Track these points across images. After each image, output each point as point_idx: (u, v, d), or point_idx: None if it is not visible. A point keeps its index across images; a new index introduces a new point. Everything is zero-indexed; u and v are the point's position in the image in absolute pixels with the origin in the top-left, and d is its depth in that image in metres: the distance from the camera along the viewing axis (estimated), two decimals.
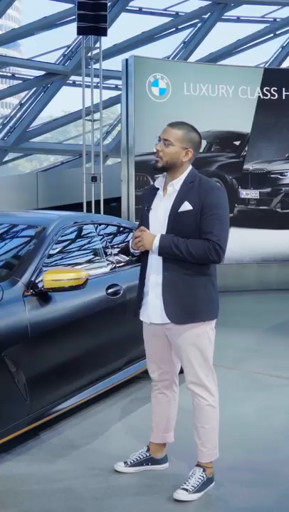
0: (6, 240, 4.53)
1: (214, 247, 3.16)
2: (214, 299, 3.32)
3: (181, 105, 10.79)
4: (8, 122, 17.30)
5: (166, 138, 3.25)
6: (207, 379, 3.32)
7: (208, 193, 3.21)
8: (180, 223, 3.21)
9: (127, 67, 10.84)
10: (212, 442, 3.37)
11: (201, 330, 3.28)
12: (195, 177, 3.29)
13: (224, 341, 6.94)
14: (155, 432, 3.59)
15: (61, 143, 21.83)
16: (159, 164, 3.28)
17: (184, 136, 3.25)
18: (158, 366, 3.48)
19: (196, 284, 3.23)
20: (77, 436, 4.09)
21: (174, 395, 3.54)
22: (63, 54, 16.15)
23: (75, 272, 3.94)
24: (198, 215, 3.19)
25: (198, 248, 3.16)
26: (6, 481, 3.47)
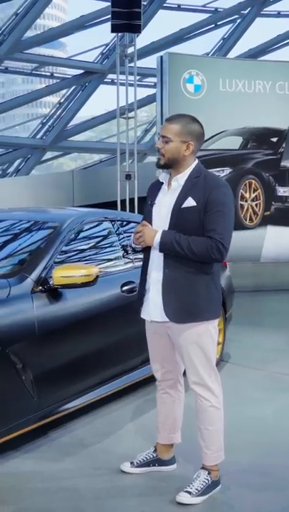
0: (21, 236, 4.53)
1: (217, 246, 3.07)
2: (216, 297, 3.24)
3: (216, 102, 10.65)
4: (48, 121, 17.45)
5: (164, 134, 3.18)
6: (210, 379, 3.23)
7: (213, 190, 3.12)
8: (183, 219, 3.13)
9: (161, 64, 10.77)
10: (217, 444, 3.27)
11: (203, 329, 3.19)
12: (200, 172, 3.20)
13: (252, 341, 6.84)
14: (162, 432, 3.52)
15: (101, 141, 21.91)
16: (162, 162, 3.21)
17: (181, 129, 3.16)
18: (161, 365, 3.41)
19: (197, 282, 3.15)
20: (88, 435, 4.05)
21: (179, 395, 3.46)
22: (101, 52, 16.19)
23: (85, 268, 3.90)
24: (201, 212, 3.10)
25: (200, 246, 3.07)
26: (11, 478, 3.46)
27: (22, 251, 4.28)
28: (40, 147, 17.37)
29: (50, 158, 22.22)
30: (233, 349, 6.29)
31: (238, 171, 10.49)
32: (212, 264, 3.18)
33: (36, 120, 18.88)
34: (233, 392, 5.07)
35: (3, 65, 15.89)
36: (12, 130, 43.47)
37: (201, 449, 3.30)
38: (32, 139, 17.63)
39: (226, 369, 5.69)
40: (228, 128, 10.66)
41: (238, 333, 6.93)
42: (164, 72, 10.67)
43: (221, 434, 3.30)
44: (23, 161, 17.75)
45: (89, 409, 4.37)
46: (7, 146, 17.55)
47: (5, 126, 65.35)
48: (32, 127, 18.50)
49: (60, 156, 23.59)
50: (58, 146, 17.73)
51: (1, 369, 3.45)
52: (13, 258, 4.22)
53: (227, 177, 10.43)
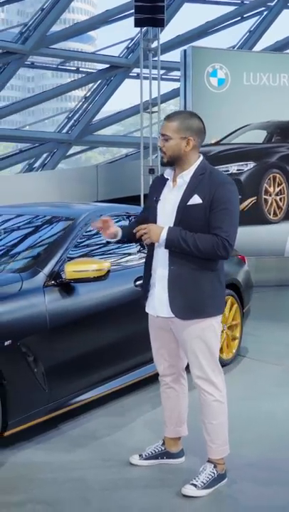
0: (35, 231, 4.60)
1: (223, 243, 3.09)
2: (220, 294, 3.27)
3: (240, 95, 10.59)
4: (73, 116, 17.54)
5: (163, 133, 3.21)
6: (213, 374, 3.26)
7: (219, 187, 3.14)
8: (188, 216, 3.15)
9: (185, 58, 10.74)
10: (221, 438, 3.30)
11: (207, 324, 3.22)
12: (205, 169, 3.21)
13: (272, 336, 6.82)
14: (168, 426, 3.56)
15: (126, 135, 21.94)
16: (164, 160, 3.24)
17: (179, 126, 3.18)
18: (164, 359, 3.45)
19: (202, 279, 3.18)
20: (99, 427, 4.11)
21: (182, 388, 3.50)
22: (127, 47, 16.21)
23: (96, 263, 3.96)
24: (207, 209, 3.12)
25: (206, 243, 3.10)
26: (22, 467, 3.54)
27: (36, 246, 4.35)
28: (66, 141, 17.47)
29: (77, 152, 22.33)
30: (252, 344, 6.28)
31: (262, 165, 10.43)
32: (217, 260, 3.21)
33: (64, 114, 18.97)
34: (248, 387, 5.09)
35: (30, 60, 16.02)
36: (41, 124, 43.75)
37: (206, 443, 3.33)
38: (58, 133, 17.75)
39: (243, 364, 5.70)
40: (252, 122, 10.59)
41: (258, 328, 6.92)
42: (188, 66, 10.64)
43: (226, 428, 3.33)
44: (49, 155, 17.89)
45: (102, 403, 4.43)
46: (33, 141, 17.70)
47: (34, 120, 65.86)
48: (60, 121, 18.62)
49: (87, 150, 23.70)
50: (83, 141, 17.83)
51: (13, 361, 3.52)
52: (26, 252, 4.29)
53: (251, 171, 10.39)
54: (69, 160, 30.11)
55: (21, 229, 4.68)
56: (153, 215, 3.29)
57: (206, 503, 3.15)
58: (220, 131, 10.30)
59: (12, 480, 3.38)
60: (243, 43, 17.11)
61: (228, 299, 5.57)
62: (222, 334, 5.49)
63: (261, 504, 3.17)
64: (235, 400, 4.56)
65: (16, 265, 4.08)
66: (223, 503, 3.18)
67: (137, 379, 4.61)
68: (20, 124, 55.91)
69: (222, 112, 10.43)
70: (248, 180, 10.36)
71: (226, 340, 5.57)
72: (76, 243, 4.25)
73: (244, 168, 10.37)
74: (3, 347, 3.45)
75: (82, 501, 3.16)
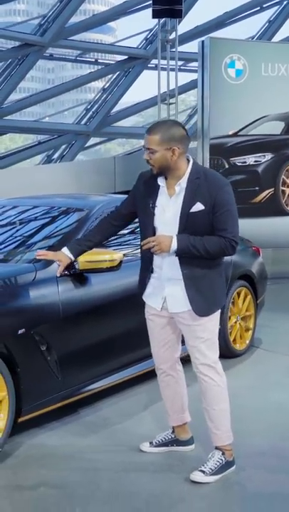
0: (50, 222, 4.67)
1: (230, 244, 3.23)
2: (224, 286, 3.46)
3: (258, 87, 10.53)
4: (92, 107, 17.59)
5: (148, 147, 3.24)
6: (214, 359, 3.35)
7: (219, 191, 3.23)
8: (193, 223, 3.24)
9: (202, 49, 10.70)
10: (225, 424, 3.38)
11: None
12: (199, 173, 3.28)
13: (286, 327, 6.82)
14: (172, 414, 3.63)
15: (145, 127, 21.95)
16: (154, 171, 3.28)
17: (161, 138, 3.20)
18: (160, 347, 3.52)
19: (213, 276, 3.33)
20: (112, 415, 4.19)
21: (180, 375, 3.59)
22: (145, 38, 16.19)
23: (109, 253, 4.03)
24: (210, 214, 3.23)
25: (214, 246, 3.23)
26: (36, 452, 3.63)
27: (50, 236, 4.42)
28: (85, 133, 17.53)
29: (96, 143, 22.39)
30: (266, 335, 6.30)
31: (280, 156, 10.39)
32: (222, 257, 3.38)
33: (83, 106, 19.03)
34: (259, 377, 5.14)
35: (48, 52, 16.08)
36: (60, 115, 43.85)
37: (210, 430, 3.40)
38: (76, 125, 17.82)
39: (256, 354, 5.73)
40: (269, 113, 10.55)
41: (274, 320, 6.94)
42: (206, 57, 10.60)
43: (228, 414, 3.40)
44: (67, 146, 17.96)
45: (115, 391, 4.50)
46: (52, 132, 17.79)
47: (54, 111, 65.97)
48: (79, 113, 18.69)
49: (105, 142, 23.75)
50: (101, 132, 17.88)
51: (27, 349, 3.61)
52: (41, 243, 4.37)
53: (268, 163, 10.36)
54: (88, 151, 30.19)
55: (36, 220, 4.76)
56: (148, 222, 3.33)
57: (214, 490, 3.22)
58: (237, 123, 10.27)
59: (25, 464, 3.47)
60: (262, 34, 17.00)
61: (242, 290, 5.61)
62: (235, 325, 5.54)
63: (269, 491, 3.23)
64: (246, 390, 4.64)
65: (30, 255, 4.16)
66: (231, 490, 3.24)
67: (149, 368, 4.66)
68: (40, 115, 56.09)
69: (240, 103, 10.39)
70: (266, 172, 10.33)
71: (240, 331, 5.61)
72: None
73: (261, 160, 10.34)
74: (17, 335, 3.53)
75: (93, 485, 3.24)
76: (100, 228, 3.64)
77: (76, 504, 3.06)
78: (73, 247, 3.63)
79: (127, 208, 3.53)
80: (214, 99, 10.40)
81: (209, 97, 10.39)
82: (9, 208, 4.96)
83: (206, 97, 10.52)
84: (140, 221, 3.43)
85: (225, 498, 3.16)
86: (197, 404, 3.59)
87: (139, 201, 3.41)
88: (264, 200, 10.34)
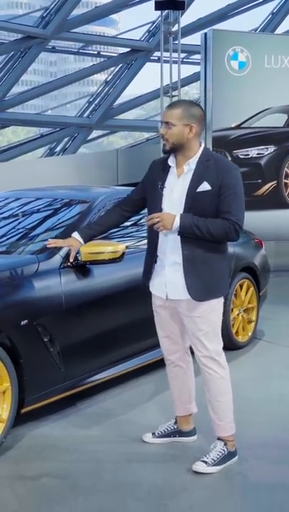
0: (53, 214, 4.67)
1: (234, 227, 3.21)
2: (228, 274, 3.42)
3: (261, 79, 10.50)
4: (94, 100, 17.55)
5: (166, 120, 3.26)
6: (217, 352, 3.35)
7: (226, 173, 3.23)
8: (198, 203, 3.23)
9: (205, 41, 10.66)
10: (228, 415, 3.38)
11: (213, 303, 3.33)
12: (209, 156, 3.30)
13: (286, 319, 6.82)
14: (178, 404, 3.64)
15: (147, 119, 21.91)
16: (167, 147, 3.29)
17: (183, 113, 3.24)
18: (169, 338, 3.52)
19: (214, 261, 3.30)
20: (115, 406, 4.20)
21: (188, 366, 3.59)
22: (148, 30, 16.14)
23: (111, 245, 4.03)
24: (216, 195, 3.21)
25: (218, 228, 3.20)
26: (38, 442, 3.64)
27: (53, 228, 4.43)
28: (87, 126, 17.50)
29: (99, 136, 22.35)
30: (269, 327, 6.31)
31: (283, 149, 10.36)
32: (225, 242, 3.34)
33: (85, 99, 19.00)
34: (261, 369, 5.15)
35: (51, 45, 16.03)
36: (63, 108, 43.77)
37: (213, 421, 3.41)
38: (78, 117, 17.79)
39: (258, 346, 5.74)
40: (272, 105, 10.52)
41: (277, 312, 6.94)
42: (208, 49, 10.57)
43: (231, 406, 3.41)
44: (70, 139, 17.94)
45: (118, 382, 4.51)
46: (54, 125, 17.77)
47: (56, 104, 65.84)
48: (82, 106, 18.67)
49: (108, 135, 23.71)
50: (104, 125, 17.84)
51: (30, 340, 3.62)
52: (43, 235, 4.37)
53: (271, 155, 10.34)
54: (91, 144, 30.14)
55: (39, 212, 4.76)
56: (156, 203, 3.33)
57: (216, 480, 3.23)
58: (240, 115, 10.25)
59: (28, 455, 3.49)
60: (265, 26, 16.92)
61: (245, 282, 5.61)
62: (238, 317, 5.54)
63: (271, 482, 3.24)
64: (249, 382, 4.64)
65: (33, 247, 4.17)
66: (233, 480, 3.25)
67: (152, 360, 4.68)
68: (42, 108, 56.03)
69: (242, 95, 10.36)
70: (268, 164, 10.31)
71: (242, 323, 5.61)
72: None
73: (264, 152, 10.32)
74: (20, 326, 3.54)
75: (96, 476, 3.26)
76: (111, 214, 3.63)
77: (78, 494, 3.07)
78: (84, 231, 3.61)
79: (138, 194, 3.54)
80: (217, 91, 10.38)
81: (212, 90, 10.36)
82: (12, 199, 4.97)
83: (208, 90, 10.49)
84: (148, 204, 3.40)
85: (227, 488, 3.17)
86: (200, 395, 3.60)
87: (149, 185, 3.42)
88: (267, 192, 10.32)
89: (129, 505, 2.98)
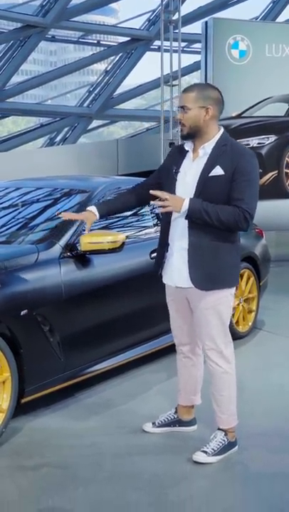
0: (52, 203, 4.65)
1: (244, 215, 3.13)
2: (237, 265, 3.33)
3: (262, 68, 10.45)
4: (94, 89, 17.48)
5: (182, 104, 3.22)
6: (224, 345, 3.32)
7: (241, 159, 3.16)
8: (209, 188, 3.16)
9: (206, 29, 10.60)
10: (231, 409, 3.37)
11: (222, 295, 3.28)
12: (227, 140, 3.23)
13: (286, 309, 6.82)
14: (183, 394, 3.63)
15: (147, 109, 21.83)
16: (184, 132, 3.25)
17: (197, 95, 3.20)
18: (180, 329, 3.50)
19: (221, 250, 3.22)
20: (114, 396, 4.20)
21: (198, 359, 3.56)
22: (148, 19, 16.05)
23: (111, 235, 4.01)
24: (228, 181, 3.14)
25: (228, 215, 3.12)
26: (38, 433, 3.64)
27: (52, 218, 4.40)
28: (87, 115, 17.44)
29: (99, 126, 22.27)
30: (269, 317, 6.31)
31: (284, 138, 10.32)
32: (236, 232, 3.26)
33: (85, 88, 18.92)
34: (262, 359, 5.14)
35: (50, 34, 15.94)
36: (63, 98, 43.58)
37: (216, 413, 3.40)
38: (79, 107, 17.72)
39: (259, 336, 5.73)
40: (273, 94, 10.47)
41: (277, 302, 6.94)
42: (209, 38, 10.50)
43: (234, 399, 3.39)
44: (70, 129, 17.88)
45: (118, 372, 4.51)
46: (54, 115, 17.70)
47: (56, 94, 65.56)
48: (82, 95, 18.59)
49: (108, 124, 23.64)
50: (104, 115, 17.78)
51: (29, 330, 3.61)
52: (43, 225, 4.35)
53: (272, 145, 10.29)
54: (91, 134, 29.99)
55: (39, 202, 4.74)
56: (171, 187, 3.28)
57: (217, 470, 3.23)
58: (241, 104, 10.19)
59: (28, 445, 3.48)
60: (266, 14, 16.82)
61: (245, 272, 5.60)
62: (238, 307, 5.53)
63: (271, 471, 3.24)
64: (249, 372, 4.64)
65: (32, 237, 4.15)
66: (233, 470, 3.25)
67: (152, 349, 4.68)
68: (42, 98, 55.78)
69: (243, 84, 10.31)
70: (269, 154, 10.27)
71: (242, 313, 5.60)
72: None
73: (265, 142, 10.28)
74: (19, 316, 3.53)
75: (96, 466, 3.26)
76: (127, 195, 3.57)
77: (78, 485, 3.07)
78: (100, 206, 3.54)
79: (154, 179, 3.49)
80: (218, 80, 10.30)
81: (213, 79, 10.30)
82: (12, 189, 4.94)
83: (209, 79, 10.43)
84: (164, 188, 3.30)
85: (227, 477, 3.17)
86: (206, 385, 3.59)
87: (165, 170, 3.38)
88: (267, 182, 10.29)
89: (130, 495, 2.98)
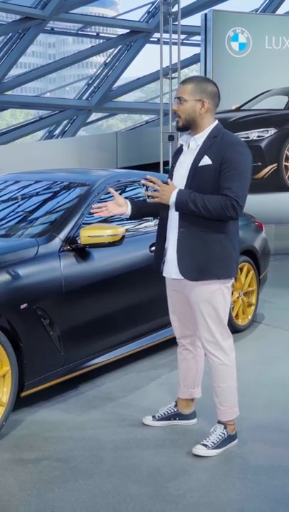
0: (52, 197, 4.64)
1: (232, 203, 3.12)
2: (231, 257, 3.28)
3: (261, 60, 10.44)
4: (93, 82, 17.41)
5: (179, 96, 3.25)
6: (222, 337, 3.32)
7: (229, 149, 3.17)
8: (199, 178, 3.19)
9: (206, 22, 10.56)
10: (230, 401, 3.37)
11: (215, 287, 3.27)
12: (219, 132, 3.25)
13: (286, 303, 6.83)
14: (182, 387, 3.63)
15: (147, 102, 21.78)
16: (180, 123, 3.27)
17: (194, 88, 3.22)
18: (180, 321, 3.51)
19: (211, 241, 3.21)
20: (115, 389, 4.20)
21: (198, 351, 3.56)
22: (147, 11, 15.97)
23: (111, 228, 4.00)
24: (217, 171, 3.16)
25: (215, 204, 3.13)
26: (38, 426, 3.64)
27: (52, 211, 4.39)
28: (86, 108, 17.38)
29: (98, 118, 22.23)
30: (268, 310, 6.32)
31: (283, 131, 10.31)
32: (228, 222, 3.23)
33: (84, 81, 18.86)
34: (261, 352, 5.15)
35: (49, 26, 15.86)
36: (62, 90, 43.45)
37: (216, 405, 3.40)
38: (77, 100, 17.66)
39: (258, 330, 5.75)
40: (273, 87, 10.45)
41: (277, 295, 6.95)
42: (209, 30, 10.47)
43: (234, 391, 3.39)
44: (69, 122, 17.82)
45: (119, 365, 4.52)
46: (53, 108, 17.65)
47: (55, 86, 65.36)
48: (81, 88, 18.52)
49: (107, 117, 23.59)
50: (103, 108, 17.72)
51: (29, 324, 3.60)
52: (43, 218, 4.35)
53: (271, 138, 10.28)
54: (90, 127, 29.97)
55: (38, 195, 4.73)
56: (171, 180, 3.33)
57: (216, 463, 3.23)
58: (241, 97, 10.18)
59: (28, 438, 3.49)
60: (266, 6, 16.73)
61: (245, 266, 5.60)
62: (238, 300, 5.53)
63: (270, 464, 3.24)
64: (248, 365, 4.64)
65: (32, 230, 4.15)
66: (233, 463, 3.26)
67: (152, 343, 4.68)
68: (41, 91, 55.65)
69: (243, 77, 10.29)
70: (269, 147, 10.26)
71: (242, 307, 5.61)
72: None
73: (265, 135, 10.27)
74: (19, 310, 3.53)
75: (96, 459, 3.26)
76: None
77: (78, 477, 3.07)
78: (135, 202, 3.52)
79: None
80: (217, 73, 10.29)
81: (212, 71, 10.28)
82: (11, 182, 4.94)
83: (209, 71, 10.41)
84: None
85: (226, 471, 3.18)
86: (203, 379, 3.62)
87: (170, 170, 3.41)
88: (267, 175, 10.28)
89: (129, 487, 2.99)
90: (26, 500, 2.88)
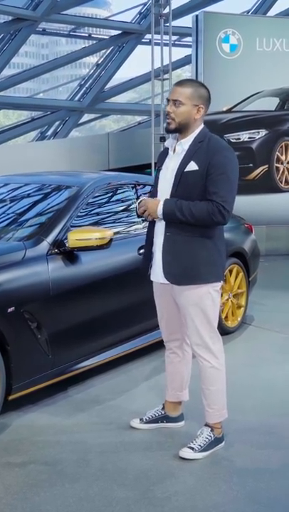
0: (40, 200, 4.64)
1: (218, 209, 3.13)
2: (217, 261, 3.29)
3: (252, 62, 10.46)
4: (85, 83, 17.39)
5: (176, 98, 3.22)
6: (211, 341, 3.32)
7: (215, 153, 3.17)
8: (186, 183, 3.20)
9: (197, 23, 10.58)
10: (218, 403, 3.38)
11: (203, 291, 3.27)
12: (205, 136, 3.25)
13: (279, 305, 6.85)
14: (169, 390, 3.64)
15: (139, 103, 21.77)
16: (172, 126, 3.25)
17: (193, 93, 3.21)
18: (168, 325, 3.52)
19: (197, 245, 3.22)
20: (103, 392, 4.21)
21: (185, 355, 3.57)
22: (139, 12, 15.96)
23: (99, 231, 4.01)
24: (203, 176, 3.16)
25: (201, 210, 3.14)
26: (26, 430, 3.64)
27: (40, 214, 4.40)
28: (78, 109, 17.35)
29: (91, 119, 22.19)
30: (258, 312, 6.34)
31: (274, 132, 10.34)
32: (214, 228, 3.24)
33: (77, 82, 18.83)
34: (250, 354, 5.16)
35: (41, 27, 15.84)
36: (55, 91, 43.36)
37: (204, 407, 3.41)
38: (69, 101, 17.63)
39: (248, 331, 5.76)
40: (264, 88, 10.48)
41: (267, 297, 6.96)
42: (200, 32, 10.49)
43: (223, 394, 3.40)
44: (61, 123, 17.79)
45: (107, 368, 4.52)
46: (45, 109, 17.61)
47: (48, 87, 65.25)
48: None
49: (100, 118, 23.54)
50: (95, 109, 17.69)
51: (17, 327, 3.60)
52: (30, 221, 4.35)
53: (263, 139, 10.30)
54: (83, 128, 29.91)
55: (26, 198, 4.73)
56: (156, 185, 3.36)
57: (203, 465, 3.24)
58: (232, 99, 10.20)
59: (15, 442, 3.49)
60: (257, 8, 16.75)
61: (234, 268, 5.61)
62: (227, 302, 5.55)
63: (256, 466, 3.26)
64: (237, 367, 4.66)
65: (20, 234, 4.15)
66: (219, 465, 3.27)
67: (140, 346, 4.69)
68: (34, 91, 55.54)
69: (234, 78, 10.31)
70: (260, 149, 10.29)
71: (232, 309, 5.62)
72: (80, 212, 4.29)
73: (256, 136, 10.29)
74: (6, 313, 3.53)
75: (83, 462, 3.27)
76: None
77: (65, 481, 3.08)
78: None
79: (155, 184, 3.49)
80: (208, 74, 10.30)
81: (204, 73, 10.30)
82: (0, 185, 4.93)
83: (200, 73, 10.42)
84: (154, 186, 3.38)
85: (213, 473, 3.19)
86: (191, 382, 3.63)
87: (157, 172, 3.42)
88: (258, 177, 10.31)
89: (115, 491, 3.00)
90: (12, 505, 2.88)
